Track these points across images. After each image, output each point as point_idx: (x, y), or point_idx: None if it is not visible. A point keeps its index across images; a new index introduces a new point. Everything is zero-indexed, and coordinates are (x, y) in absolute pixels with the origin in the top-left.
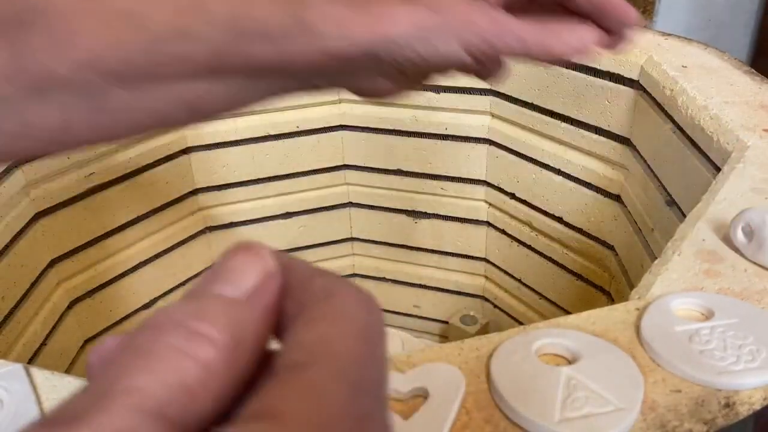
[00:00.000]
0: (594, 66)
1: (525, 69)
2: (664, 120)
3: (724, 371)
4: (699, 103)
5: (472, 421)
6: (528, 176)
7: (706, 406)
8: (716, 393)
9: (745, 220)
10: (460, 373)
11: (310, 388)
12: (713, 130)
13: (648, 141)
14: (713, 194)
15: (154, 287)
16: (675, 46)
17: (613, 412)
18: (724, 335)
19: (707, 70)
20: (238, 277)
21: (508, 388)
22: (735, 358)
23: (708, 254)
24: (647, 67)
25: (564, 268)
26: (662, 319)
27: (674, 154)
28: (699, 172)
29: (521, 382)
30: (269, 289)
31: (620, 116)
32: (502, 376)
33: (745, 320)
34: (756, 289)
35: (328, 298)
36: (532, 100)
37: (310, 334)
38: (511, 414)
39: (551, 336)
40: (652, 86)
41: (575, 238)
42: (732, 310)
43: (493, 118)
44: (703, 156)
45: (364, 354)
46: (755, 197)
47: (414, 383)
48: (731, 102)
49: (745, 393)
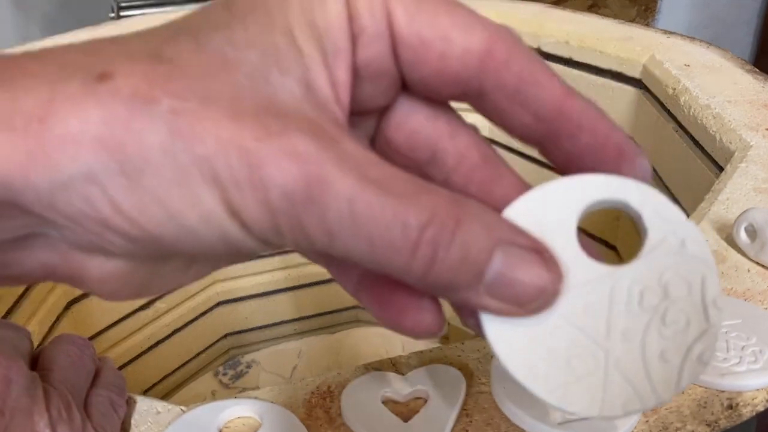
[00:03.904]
0: (596, 64)
1: None
2: (667, 119)
3: (727, 372)
4: (701, 102)
5: (472, 424)
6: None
7: (709, 408)
8: (719, 394)
9: (748, 220)
10: (460, 374)
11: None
12: (716, 130)
13: (650, 140)
14: (716, 194)
15: None
16: (677, 44)
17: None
18: (727, 336)
19: (710, 68)
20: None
21: (510, 390)
22: (738, 359)
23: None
24: (650, 66)
25: None
26: None
27: (677, 153)
28: (702, 171)
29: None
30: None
31: (622, 115)
32: (503, 378)
33: (748, 321)
34: (759, 290)
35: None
36: None
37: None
38: (512, 416)
39: None
40: (654, 85)
41: None
42: (735, 310)
43: None
44: (705, 155)
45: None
46: (758, 197)
47: (414, 385)
48: (734, 101)
49: (748, 394)
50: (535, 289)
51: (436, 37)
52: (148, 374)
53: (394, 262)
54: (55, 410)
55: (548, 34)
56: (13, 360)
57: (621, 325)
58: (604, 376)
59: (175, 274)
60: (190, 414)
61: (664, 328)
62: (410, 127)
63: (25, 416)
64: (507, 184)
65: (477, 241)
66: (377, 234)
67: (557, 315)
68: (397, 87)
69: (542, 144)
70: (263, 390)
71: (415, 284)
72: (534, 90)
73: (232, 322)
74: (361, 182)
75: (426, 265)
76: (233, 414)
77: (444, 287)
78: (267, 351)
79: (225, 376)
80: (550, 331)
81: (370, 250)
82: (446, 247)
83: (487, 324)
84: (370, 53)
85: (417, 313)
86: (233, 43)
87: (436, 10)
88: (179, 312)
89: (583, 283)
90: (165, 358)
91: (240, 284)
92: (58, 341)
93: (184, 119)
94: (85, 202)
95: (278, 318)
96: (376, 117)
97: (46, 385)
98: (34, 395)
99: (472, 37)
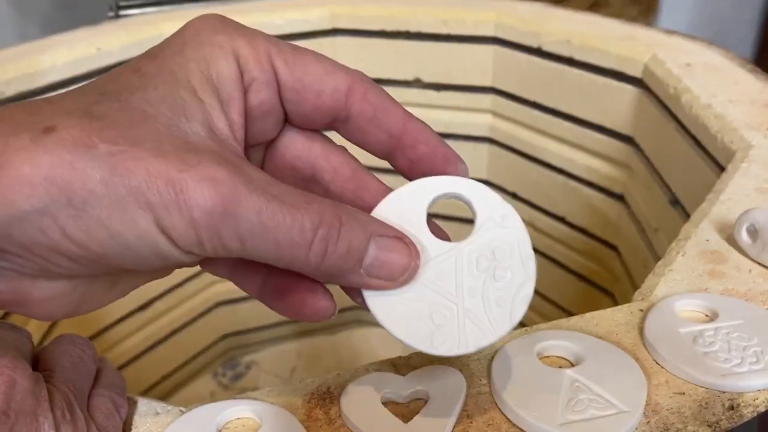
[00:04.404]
0: (597, 64)
1: (526, 67)
2: (668, 119)
3: (728, 373)
4: (703, 101)
5: (473, 424)
6: (530, 175)
7: (710, 409)
8: (720, 395)
9: (750, 220)
10: (461, 375)
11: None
12: (717, 129)
13: (651, 140)
14: (717, 194)
15: (151, 288)
16: (679, 43)
17: (616, 415)
18: (728, 337)
19: (711, 68)
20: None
21: (510, 390)
22: (739, 360)
23: (712, 255)
24: (651, 65)
25: (566, 269)
26: (666, 321)
27: (678, 153)
28: (703, 171)
29: (523, 384)
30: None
31: (623, 114)
32: (504, 379)
33: (750, 321)
34: (760, 290)
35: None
36: (533, 99)
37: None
38: (513, 417)
39: (554, 338)
40: (655, 84)
41: (578, 239)
42: (736, 311)
43: (494, 117)
44: (707, 155)
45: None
46: (760, 197)
47: (414, 386)
48: (735, 100)
49: (749, 395)
50: (402, 266)
51: (312, 81)
52: (147, 375)
53: (295, 258)
54: (58, 411)
55: (549, 33)
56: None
57: (466, 284)
58: (458, 323)
59: (102, 292)
60: (189, 415)
61: (495, 282)
62: (292, 154)
63: (30, 418)
64: (373, 190)
65: (356, 236)
66: (281, 236)
67: (419, 284)
68: (281, 123)
69: (392, 155)
70: (263, 391)
71: (312, 274)
72: (385, 115)
73: (231, 323)
74: (265, 197)
75: (320, 257)
76: (232, 415)
77: (334, 273)
78: (266, 352)
79: (224, 377)
80: (416, 296)
81: (276, 250)
82: (335, 242)
83: (370, 298)
84: (261, 97)
85: (314, 301)
86: (148, 101)
87: (307, 60)
88: (178, 313)
89: (435, 257)
90: (164, 359)
91: None
92: (58, 341)
93: (119, 158)
94: (38, 232)
95: (277, 319)
96: (264, 148)
97: (49, 386)
98: (39, 396)
99: (338, 78)
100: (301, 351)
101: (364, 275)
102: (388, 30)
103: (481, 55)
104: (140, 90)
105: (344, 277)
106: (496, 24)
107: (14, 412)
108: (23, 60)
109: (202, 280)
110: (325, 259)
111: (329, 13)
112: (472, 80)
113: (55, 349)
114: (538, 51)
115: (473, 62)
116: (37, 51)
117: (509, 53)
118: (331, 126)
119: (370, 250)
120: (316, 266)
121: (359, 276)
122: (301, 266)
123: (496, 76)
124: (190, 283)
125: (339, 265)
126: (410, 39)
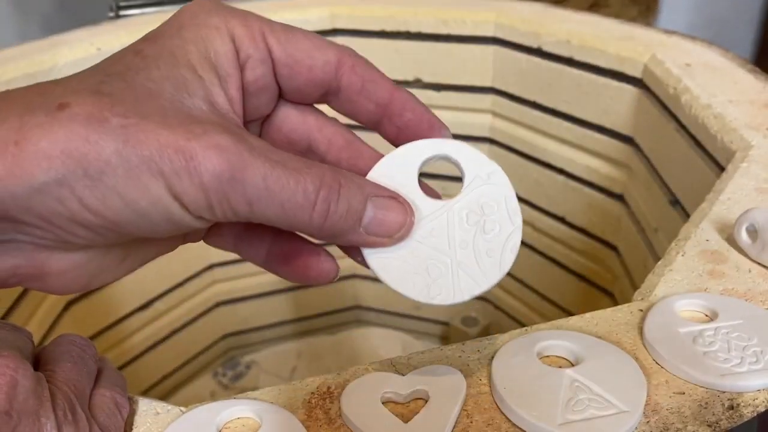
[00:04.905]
0: (597, 64)
1: (526, 67)
2: (668, 119)
3: (728, 373)
4: (702, 101)
5: (473, 424)
6: (530, 175)
7: (710, 409)
8: (720, 395)
9: (750, 221)
10: (461, 375)
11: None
12: (717, 129)
13: (651, 140)
14: (717, 194)
15: (151, 288)
16: (678, 43)
17: (616, 415)
18: (728, 337)
19: (711, 68)
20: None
21: (510, 390)
22: (739, 360)
23: (712, 255)
24: (650, 65)
25: (566, 269)
26: (666, 321)
27: (678, 153)
28: (703, 171)
29: (523, 384)
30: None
31: (623, 115)
32: (504, 379)
33: (750, 321)
34: (760, 290)
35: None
36: (533, 99)
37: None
38: (513, 417)
39: (553, 338)
40: (655, 84)
41: (578, 239)
42: (736, 311)
43: (494, 117)
44: (706, 155)
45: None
46: (760, 197)
47: (414, 386)
48: (735, 101)
49: (749, 395)
50: (398, 223)
51: (304, 56)
52: (147, 375)
53: (299, 219)
54: (60, 411)
55: (549, 33)
56: (18, 361)
57: (458, 238)
58: (452, 274)
59: (115, 264)
60: (189, 414)
61: (485, 234)
62: (288, 127)
63: (33, 418)
64: (367, 157)
65: (355, 196)
66: (286, 198)
67: (414, 240)
68: (276, 98)
69: (380, 124)
70: (263, 390)
71: (315, 234)
72: (373, 86)
73: (231, 323)
74: (269, 163)
75: (322, 218)
76: (233, 414)
77: (336, 233)
78: (266, 352)
79: (224, 377)
80: (411, 252)
81: (282, 212)
82: (336, 203)
83: (369, 256)
84: (257, 74)
85: (318, 264)
86: (152, 80)
87: (298, 38)
88: (178, 313)
89: (428, 215)
90: (164, 359)
91: (239, 285)
92: (59, 341)
93: (131, 131)
94: (57, 202)
95: (277, 318)
96: (260, 124)
97: (51, 386)
98: (41, 396)
99: (328, 53)
100: (301, 351)
101: (363, 234)
102: (388, 30)
103: (481, 56)
104: (143, 70)
105: (345, 236)
106: (496, 24)
107: (17, 412)
108: (23, 60)
109: (203, 280)
110: (327, 219)
111: (329, 14)
112: (472, 80)
113: (55, 349)
114: (537, 51)
115: (473, 62)
116: (38, 51)
117: (509, 53)
118: (323, 99)
119: (367, 210)
120: (319, 226)
121: (359, 235)
122: (305, 227)
123: (496, 76)
124: (190, 283)
125: (340, 225)
126: (410, 39)
